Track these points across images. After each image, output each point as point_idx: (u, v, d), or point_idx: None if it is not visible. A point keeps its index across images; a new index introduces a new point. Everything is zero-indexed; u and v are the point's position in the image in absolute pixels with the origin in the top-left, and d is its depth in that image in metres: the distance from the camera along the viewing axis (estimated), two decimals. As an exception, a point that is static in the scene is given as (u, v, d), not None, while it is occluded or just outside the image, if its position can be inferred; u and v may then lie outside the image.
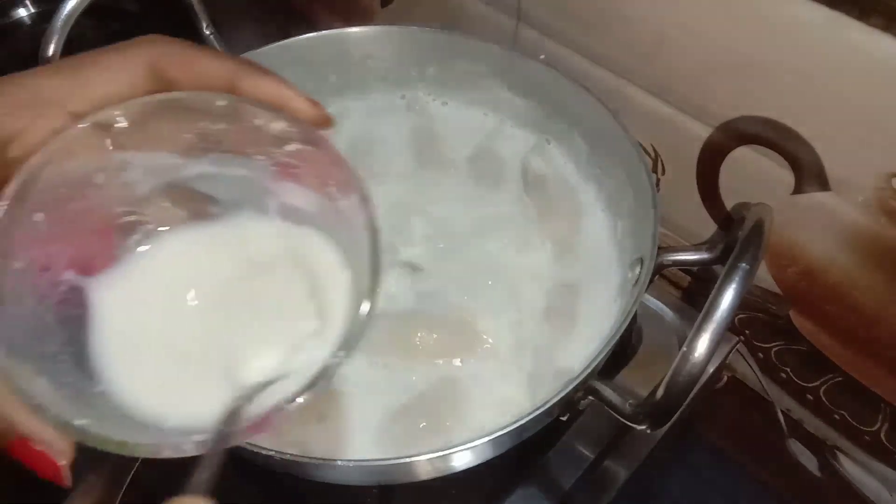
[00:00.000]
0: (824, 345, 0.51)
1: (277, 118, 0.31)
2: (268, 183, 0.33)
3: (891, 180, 0.40)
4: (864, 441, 0.53)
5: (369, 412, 0.42)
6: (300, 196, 0.33)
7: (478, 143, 0.55)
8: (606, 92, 0.50)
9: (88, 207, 0.30)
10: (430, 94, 0.57)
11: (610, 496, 0.50)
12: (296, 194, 0.33)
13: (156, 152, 0.31)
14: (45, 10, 0.77)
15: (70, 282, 0.29)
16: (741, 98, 0.45)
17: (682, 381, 0.35)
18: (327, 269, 0.32)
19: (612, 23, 0.48)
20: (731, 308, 0.35)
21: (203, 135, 0.31)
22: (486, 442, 0.36)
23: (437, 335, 0.44)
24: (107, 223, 0.31)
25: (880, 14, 0.36)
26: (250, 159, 0.32)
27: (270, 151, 0.32)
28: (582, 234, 0.50)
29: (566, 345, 0.45)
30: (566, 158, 0.54)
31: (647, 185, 0.44)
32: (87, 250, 0.31)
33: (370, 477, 0.42)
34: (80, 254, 0.30)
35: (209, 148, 0.32)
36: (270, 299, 0.32)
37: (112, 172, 0.30)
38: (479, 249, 0.49)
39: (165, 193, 0.32)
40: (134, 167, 0.31)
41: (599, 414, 0.45)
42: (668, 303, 0.55)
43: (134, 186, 0.31)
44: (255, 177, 0.33)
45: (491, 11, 0.57)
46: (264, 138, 0.31)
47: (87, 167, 0.29)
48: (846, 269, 0.46)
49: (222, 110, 0.30)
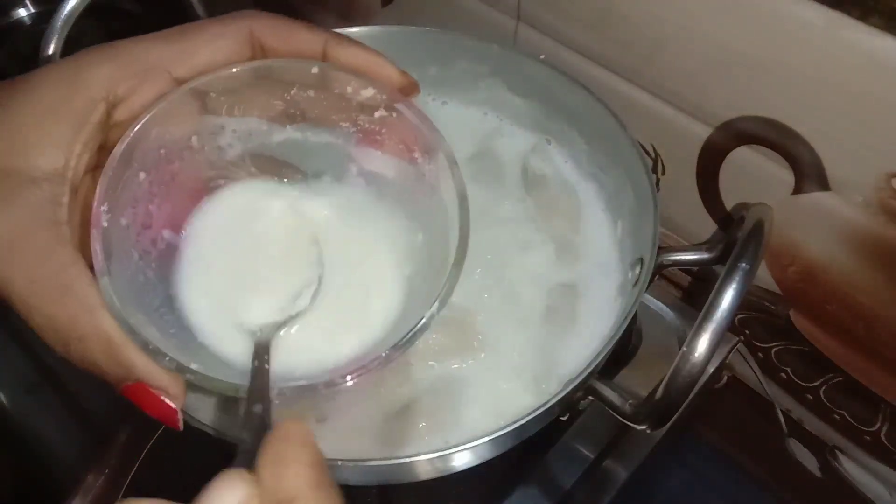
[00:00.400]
0: (824, 345, 0.51)
1: (366, 85, 0.33)
2: (350, 149, 0.35)
3: (891, 180, 0.40)
4: (864, 441, 0.53)
5: (369, 412, 0.42)
6: (381, 163, 0.35)
7: (478, 142, 0.55)
8: (606, 92, 0.50)
9: (184, 169, 0.32)
10: (429, 93, 0.56)
11: (610, 496, 0.50)
12: (377, 161, 0.35)
13: (247, 118, 0.33)
14: (45, 10, 0.76)
15: (167, 240, 0.32)
16: (741, 98, 0.45)
17: (682, 381, 0.35)
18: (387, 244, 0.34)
19: (612, 23, 0.48)
20: (731, 308, 0.35)
21: (292, 102, 0.33)
22: (486, 442, 0.36)
23: (437, 335, 0.44)
24: (200, 185, 0.34)
25: (880, 14, 0.36)
26: (335, 126, 0.34)
27: (356, 118, 0.34)
28: (582, 233, 0.50)
29: (566, 345, 0.45)
30: (566, 158, 0.54)
31: (647, 185, 0.44)
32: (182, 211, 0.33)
33: (370, 477, 0.42)
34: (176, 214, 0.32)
35: (297, 115, 0.34)
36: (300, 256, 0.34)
37: (207, 136, 0.33)
38: (479, 249, 0.49)
39: (253, 160, 0.34)
40: (226, 132, 0.33)
41: (599, 414, 0.45)
42: (668, 303, 0.55)
43: (225, 151, 0.33)
44: (338, 143, 0.35)
45: (491, 11, 0.57)
46: (351, 106, 0.33)
47: (185, 130, 0.32)
48: (846, 269, 0.46)
49: (313, 78, 0.32)
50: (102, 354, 0.27)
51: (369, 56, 0.33)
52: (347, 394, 0.43)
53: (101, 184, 0.28)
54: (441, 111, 0.56)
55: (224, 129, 0.33)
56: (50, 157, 0.28)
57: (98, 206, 0.28)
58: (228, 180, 0.34)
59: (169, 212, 0.32)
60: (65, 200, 0.28)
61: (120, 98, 0.30)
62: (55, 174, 0.28)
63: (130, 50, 0.30)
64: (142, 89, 0.30)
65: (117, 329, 0.27)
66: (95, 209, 0.28)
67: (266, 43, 0.32)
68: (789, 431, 0.60)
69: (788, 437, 0.60)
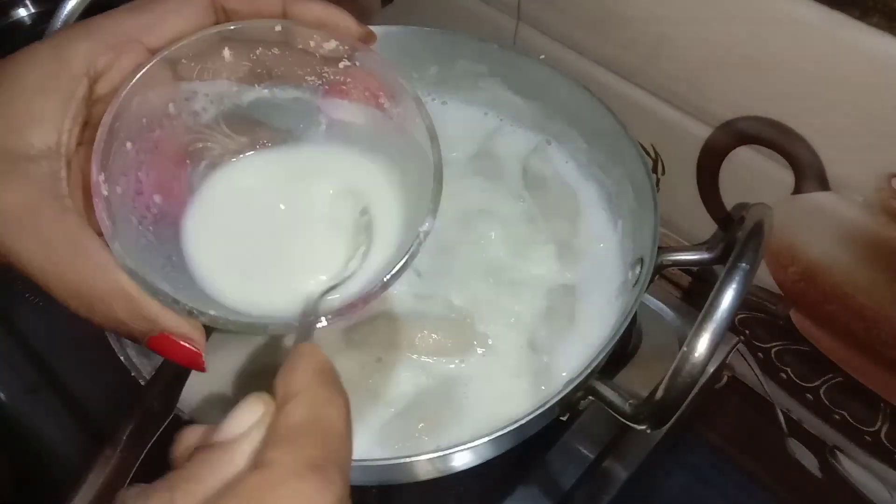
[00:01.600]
0: (824, 345, 0.51)
1: (328, 38, 0.34)
2: (318, 102, 0.36)
3: (891, 180, 0.40)
4: (864, 441, 0.53)
5: (369, 412, 0.42)
6: (351, 111, 0.36)
7: (478, 142, 0.55)
8: (606, 92, 0.50)
9: (165, 136, 0.34)
10: (429, 93, 0.56)
11: (610, 496, 0.50)
12: (346, 110, 0.36)
13: (217, 81, 0.35)
14: (45, 10, 0.77)
15: (158, 205, 0.33)
16: (741, 98, 0.45)
17: (682, 381, 0.35)
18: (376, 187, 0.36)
19: (612, 23, 0.48)
20: (731, 308, 0.35)
21: (259, 61, 0.35)
22: (486, 442, 0.36)
23: (438, 335, 0.44)
24: (181, 150, 0.35)
25: (880, 14, 0.36)
26: (302, 81, 0.36)
27: (321, 71, 0.35)
28: (582, 234, 0.50)
29: (566, 345, 0.45)
30: (566, 158, 0.54)
31: (647, 185, 0.44)
32: (168, 176, 0.34)
33: (370, 477, 0.42)
34: (163, 179, 0.34)
35: (264, 74, 0.35)
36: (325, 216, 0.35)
37: (182, 102, 0.34)
38: (480, 249, 0.49)
39: (227, 122, 0.36)
40: (199, 97, 0.35)
41: (599, 414, 0.45)
42: (668, 303, 0.55)
43: (200, 115, 0.35)
44: (306, 97, 0.36)
45: (491, 11, 0.57)
46: (315, 59, 0.35)
47: (162, 98, 0.33)
48: (846, 270, 0.46)
49: (276, 36, 0.34)
50: (125, 311, 0.29)
51: (327, 9, 0.34)
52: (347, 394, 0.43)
53: (94, 155, 0.29)
54: (441, 111, 0.56)
55: (197, 93, 0.35)
56: (43, 134, 0.29)
57: (96, 176, 0.29)
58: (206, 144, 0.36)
59: (156, 178, 0.33)
60: (63, 174, 0.29)
61: (100, 72, 0.31)
62: (50, 151, 0.29)
63: (104, 25, 0.32)
64: (119, 62, 0.31)
65: (135, 286, 0.29)
66: (94, 179, 0.29)
67: (228, 6, 0.33)
68: (789, 431, 0.60)
69: (788, 437, 0.60)
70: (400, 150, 0.35)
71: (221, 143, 0.36)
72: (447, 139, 0.55)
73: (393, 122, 0.35)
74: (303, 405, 0.25)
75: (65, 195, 0.29)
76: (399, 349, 0.44)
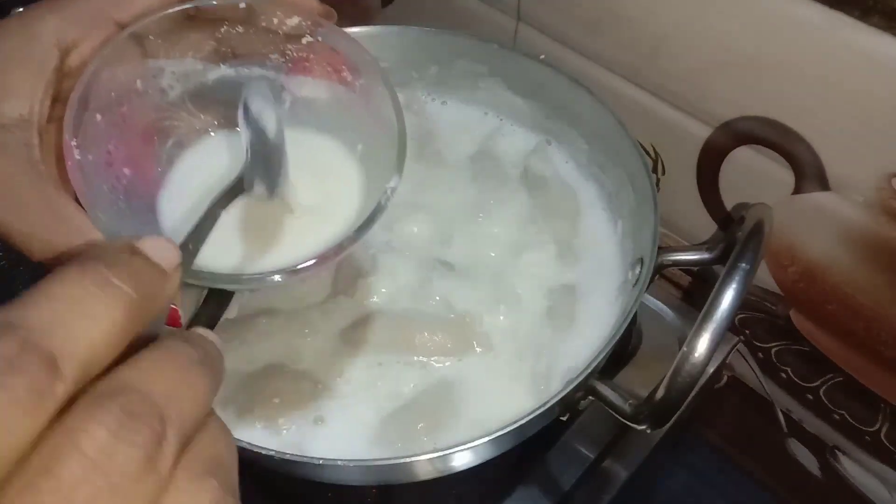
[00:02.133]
0: (824, 345, 0.51)
1: (291, 14, 0.35)
2: (282, 79, 0.37)
3: (891, 180, 0.40)
4: (864, 441, 0.54)
5: (369, 412, 0.42)
6: (315, 87, 0.37)
7: (478, 143, 0.55)
8: (606, 92, 0.50)
9: (133, 111, 0.34)
10: (429, 93, 0.56)
11: (610, 496, 0.50)
12: (310, 86, 0.37)
13: (184, 59, 0.36)
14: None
15: (128, 177, 0.34)
16: (741, 98, 0.45)
17: (682, 381, 0.35)
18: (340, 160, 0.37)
19: (612, 23, 0.48)
20: (731, 308, 0.35)
21: (223, 39, 0.36)
22: (486, 442, 0.36)
23: (438, 335, 0.44)
24: (149, 126, 0.36)
25: (880, 14, 0.36)
26: (266, 59, 0.37)
27: (284, 48, 0.36)
28: (582, 234, 0.50)
29: (567, 345, 0.45)
30: (566, 158, 0.54)
31: (647, 185, 0.44)
32: (137, 151, 0.35)
33: (370, 477, 0.42)
34: (132, 154, 0.34)
35: (229, 53, 0.36)
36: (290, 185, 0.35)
37: (149, 79, 0.35)
38: (480, 249, 0.49)
39: (192, 101, 0.37)
40: (166, 74, 0.35)
41: (599, 414, 0.45)
42: (668, 303, 0.55)
43: (167, 92, 0.36)
44: (270, 75, 0.37)
45: (491, 11, 0.57)
46: (278, 37, 0.36)
47: (130, 74, 0.34)
48: (846, 270, 0.46)
49: (241, 13, 0.35)
50: None
51: None
52: (347, 394, 0.43)
53: (66, 121, 0.30)
54: (441, 111, 0.56)
55: (164, 71, 0.35)
56: (16, 104, 0.30)
57: (69, 140, 0.30)
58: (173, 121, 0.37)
59: (125, 152, 0.34)
60: (35, 142, 0.30)
61: (70, 46, 0.32)
62: (22, 120, 0.30)
63: (74, 1, 0.32)
64: (89, 36, 0.32)
65: None
66: (67, 143, 0.30)
67: None
68: (789, 431, 0.60)
69: (788, 437, 0.60)
70: (364, 121, 0.36)
71: (188, 122, 0.37)
72: (447, 139, 0.56)
73: (357, 94, 0.36)
74: None
75: (39, 161, 0.30)
76: (399, 349, 0.44)
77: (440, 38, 0.53)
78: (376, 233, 0.49)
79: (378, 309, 0.46)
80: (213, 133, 0.38)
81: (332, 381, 0.43)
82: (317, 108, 0.37)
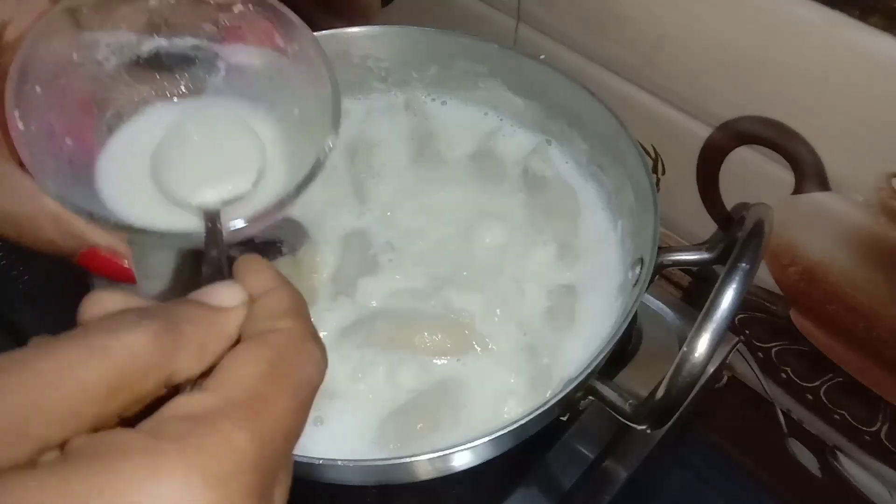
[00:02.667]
0: (824, 345, 0.51)
1: None
2: (216, 49, 0.38)
3: (891, 180, 0.40)
4: (864, 441, 0.54)
5: (369, 412, 0.42)
6: (248, 55, 0.38)
7: (478, 143, 0.55)
8: (606, 91, 0.50)
9: (71, 83, 0.35)
10: (429, 94, 0.56)
11: (610, 496, 0.50)
12: (244, 54, 0.38)
13: (117, 31, 0.36)
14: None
15: (70, 147, 0.35)
16: (741, 98, 0.45)
17: (682, 381, 0.35)
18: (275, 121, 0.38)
19: (612, 23, 0.48)
20: (731, 308, 0.35)
21: (156, 11, 0.37)
22: (486, 442, 0.36)
23: (437, 335, 0.44)
24: (87, 98, 0.36)
25: (880, 14, 0.36)
26: (199, 30, 0.38)
27: (216, 18, 0.37)
28: (582, 234, 0.50)
29: (566, 345, 0.45)
30: (566, 158, 0.54)
31: (647, 185, 0.44)
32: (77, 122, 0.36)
33: (370, 477, 0.42)
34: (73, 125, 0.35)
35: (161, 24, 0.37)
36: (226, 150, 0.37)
37: (85, 51, 0.36)
38: (480, 250, 0.49)
39: (129, 72, 0.38)
40: (101, 46, 0.36)
41: (599, 414, 0.45)
42: (668, 303, 0.55)
43: (103, 64, 0.37)
44: (204, 45, 0.38)
45: (491, 11, 0.57)
46: (210, 7, 0.37)
47: (66, 47, 0.35)
48: (846, 269, 0.46)
49: None
50: (54, 231, 0.32)
51: None
52: (347, 394, 0.43)
53: (7, 95, 0.31)
54: (441, 111, 0.56)
55: (98, 43, 0.36)
56: None
57: (11, 111, 0.31)
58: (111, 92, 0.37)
59: (66, 123, 0.35)
60: None
61: (5, 21, 0.33)
62: None
63: None
64: (24, 11, 0.33)
65: (61, 207, 0.31)
66: (9, 113, 0.31)
67: None
68: (789, 431, 0.60)
69: (788, 437, 0.60)
70: (299, 86, 0.37)
71: (125, 93, 0.38)
72: (447, 139, 0.56)
73: (290, 60, 0.37)
74: (284, 295, 0.26)
75: None
76: (399, 349, 0.44)
77: (440, 38, 0.53)
78: (377, 233, 0.49)
79: (378, 309, 0.46)
80: (150, 103, 0.38)
81: (332, 381, 0.43)
82: (251, 76, 0.38)
